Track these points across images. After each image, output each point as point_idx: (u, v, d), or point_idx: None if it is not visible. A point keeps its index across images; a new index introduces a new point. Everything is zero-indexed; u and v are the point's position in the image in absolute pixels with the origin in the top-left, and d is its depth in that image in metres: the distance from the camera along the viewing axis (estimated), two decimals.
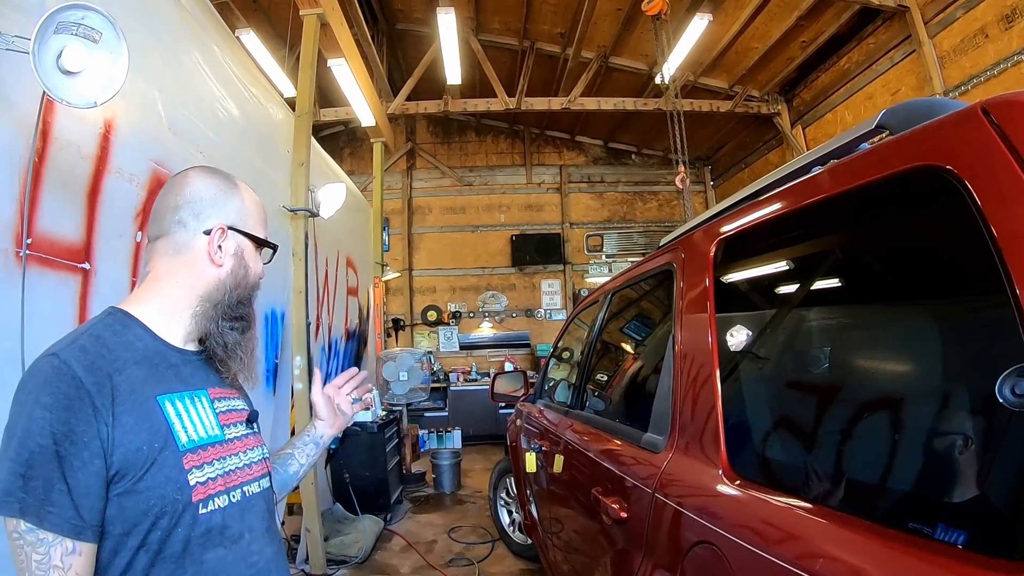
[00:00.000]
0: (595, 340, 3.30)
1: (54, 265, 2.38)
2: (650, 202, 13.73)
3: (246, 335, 1.46)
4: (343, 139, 13.66)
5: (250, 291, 1.47)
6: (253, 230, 1.47)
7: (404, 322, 12.92)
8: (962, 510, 1.01)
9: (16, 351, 2.09)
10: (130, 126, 2.83)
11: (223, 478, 1.30)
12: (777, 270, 1.76)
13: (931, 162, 1.09)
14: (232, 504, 1.30)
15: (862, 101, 8.36)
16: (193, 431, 1.27)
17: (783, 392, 1.65)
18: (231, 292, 1.41)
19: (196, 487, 1.22)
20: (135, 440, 1.16)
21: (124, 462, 1.14)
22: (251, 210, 1.48)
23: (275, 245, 1.55)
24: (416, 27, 10.67)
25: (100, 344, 1.21)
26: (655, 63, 9.22)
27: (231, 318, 1.41)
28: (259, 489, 1.42)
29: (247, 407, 1.52)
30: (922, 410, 1.21)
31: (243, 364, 1.45)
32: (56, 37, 1.95)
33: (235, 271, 1.42)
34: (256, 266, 1.49)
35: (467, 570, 5.25)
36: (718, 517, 1.47)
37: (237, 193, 1.47)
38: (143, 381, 1.23)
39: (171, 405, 1.26)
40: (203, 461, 1.26)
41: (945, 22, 6.75)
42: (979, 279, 1.05)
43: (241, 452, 1.39)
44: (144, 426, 1.18)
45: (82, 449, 1.10)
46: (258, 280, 1.51)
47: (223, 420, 1.38)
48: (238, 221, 1.44)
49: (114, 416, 1.14)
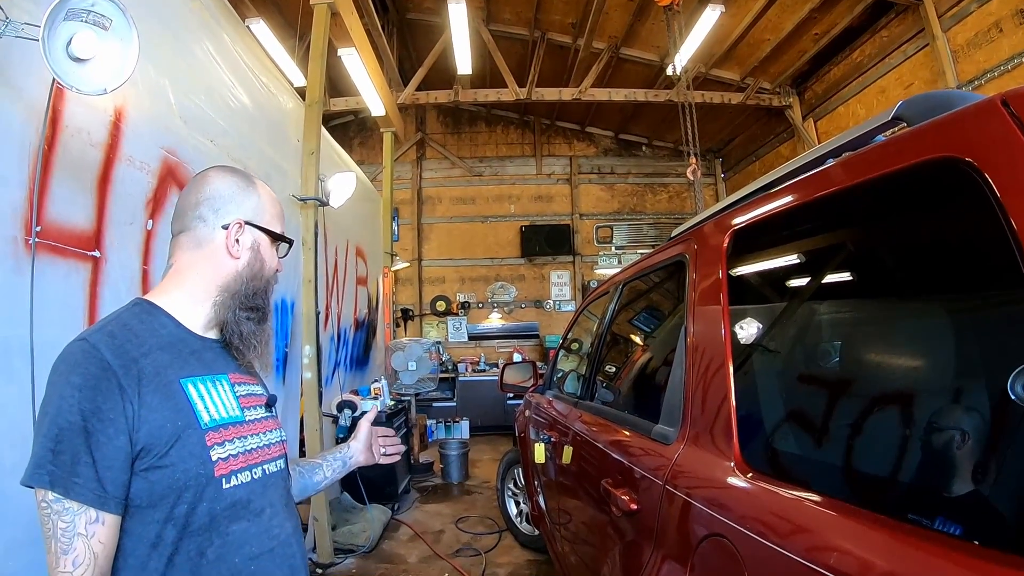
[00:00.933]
0: (605, 331, 3.29)
1: (64, 253, 2.39)
2: (660, 194, 13.70)
3: (262, 326, 1.52)
4: (353, 129, 13.66)
5: (266, 283, 1.54)
6: (269, 225, 1.55)
7: (413, 312, 12.95)
8: (976, 506, 1.00)
9: (26, 338, 2.10)
10: (141, 114, 2.83)
11: (244, 455, 1.38)
12: (791, 262, 1.75)
13: (950, 154, 1.07)
14: (255, 480, 1.39)
15: (875, 95, 8.30)
16: (215, 411, 1.35)
17: (796, 385, 1.64)
18: (247, 283, 1.48)
19: (218, 463, 1.30)
20: (159, 418, 1.24)
21: (149, 438, 1.21)
22: (267, 207, 1.56)
23: (290, 240, 1.63)
24: (427, 17, 10.64)
25: (127, 330, 1.30)
26: (666, 54, 9.18)
27: (247, 308, 1.48)
28: (277, 468, 1.50)
29: (266, 392, 1.60)
30: (936, 405, 1.19)
31: (258, 352, 1.52)
32: (66, 24, 1.94)
33: (251, 264, 1.50)
34: (272, 260, 1.57)
35: (474, 560, 5.25)
36: (730, 509, 1.46)
37: (254, 191, 1.54)
38: (167, 365, 1.31)
39: (193, 387, 1.34)
40: (224, 439, 1.34)
41: (959, 16, 6.69)
42: (995, 272, 1.04)
43: (261, 433, 1.47)
44: (168, 405, 1.26)
45: (108, 425, 1.17)
46: (274, 273, 1.58)
47: (243, 403, 1.45)
48: (255, 217, 1.52)
49: (140, 396, 1.22)
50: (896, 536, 1.03)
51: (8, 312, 2.11)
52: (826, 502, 1.23)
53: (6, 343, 2.10)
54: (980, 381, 1.11)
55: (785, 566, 1.19)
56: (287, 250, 1.63)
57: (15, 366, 2.10)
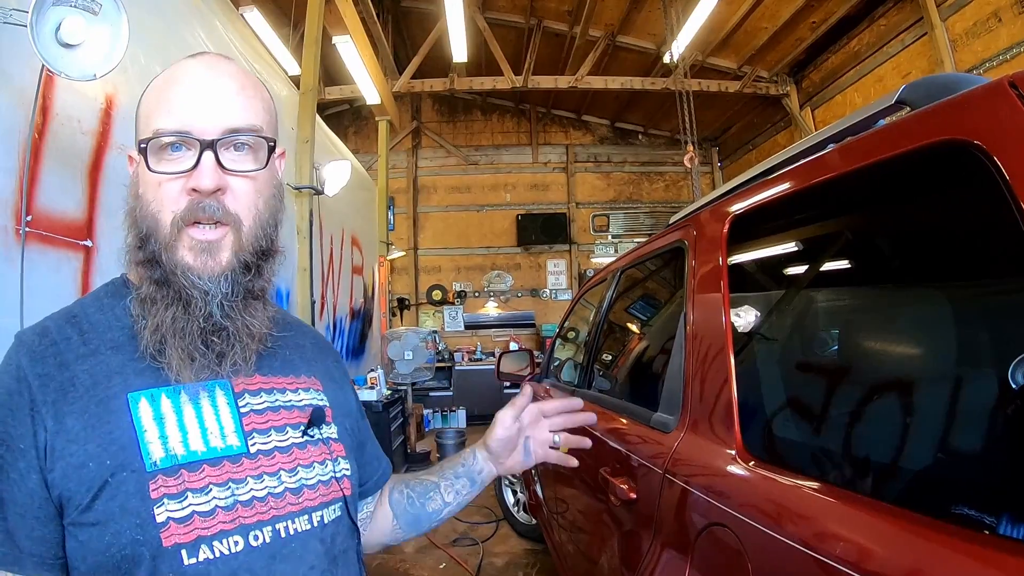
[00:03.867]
0: (603, 318, 3.28)
1: (55, 242, 2.36)
2: (657, 182, 13.69)
3: (172, 306, 0.94)
4: (348, 118, 13.61)
5: (147, 231, 0.95)
6: (139, 136, 0.98)
7: (409, 301, 12.97)
8: (978, 492, 0.99)
9: (16, 328, 2.07)
10: (132, 101, 2.78)
11: (234, 510, 0.91)
12: (792, 249, 1.73)
13: (957, 136, 1.05)
14: (251, 550, 0.91)
15: (872, 83, 8.29)
16: (179, 442, 0.90)
17: (797, 373, 1.63)
18: (130, 236, 0.98)
19: (168, 524, 0.85)
20: (79, 452, 0.85)
21: (66, 481, 0.85)
22: (142, 106, 1.00)
23: (141, 142, 0.96)
24: (422, 4, 10.60)
25: (72, 323, 0.96)
26: (663, 42, 9.14)
27: (145, 278, 0.96)
28: (312, 525, 0.99)
29: (313, 401, 1.11)
30: (939, 393, 1.18)
31: (183, 346, 0.94)
32: (55, 9, 1.92)
33: (130, 204, 1.00)
34: (146, 188, 0.96)
35: (471, 550, 5.26)
36: (731, 498, 1.45)
37: (142, 95, 1.01)
38: (116, 370, 0.92)
39: (149, 404, 0.91)
40: (188, 487, 0.89)
41: (958, 5, 6.68)
42: (1002, 258, 1.02)
43: (285, 471, 0.99)
44: (95, 434, 0.87)
45: (18, 458, 0.85)
46: (156, 208, 0.94)
47: (254, 423, 0.99)
48: (135, 135, 1.00)
49: (56, 418, 0.86)
50: (900, 524, 1.01)
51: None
52: (829, 490, 1.21)
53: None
54: (983, 369, 1.09)
55: (788, 554, 1.17)
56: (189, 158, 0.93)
57: None
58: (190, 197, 0.92)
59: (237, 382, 1.00)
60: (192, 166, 0.92)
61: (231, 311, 0.95)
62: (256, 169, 0.98)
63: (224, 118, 0.94)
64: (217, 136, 0.93)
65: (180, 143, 0.92)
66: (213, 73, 0.97)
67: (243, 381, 1.00)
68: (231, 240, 0.95)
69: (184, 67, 0.97)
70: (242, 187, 0.96)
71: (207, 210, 0.93)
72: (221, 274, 0.94)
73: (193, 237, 0.93)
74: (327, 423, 1.09)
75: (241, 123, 0.96)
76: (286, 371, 1.10)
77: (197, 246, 0.93)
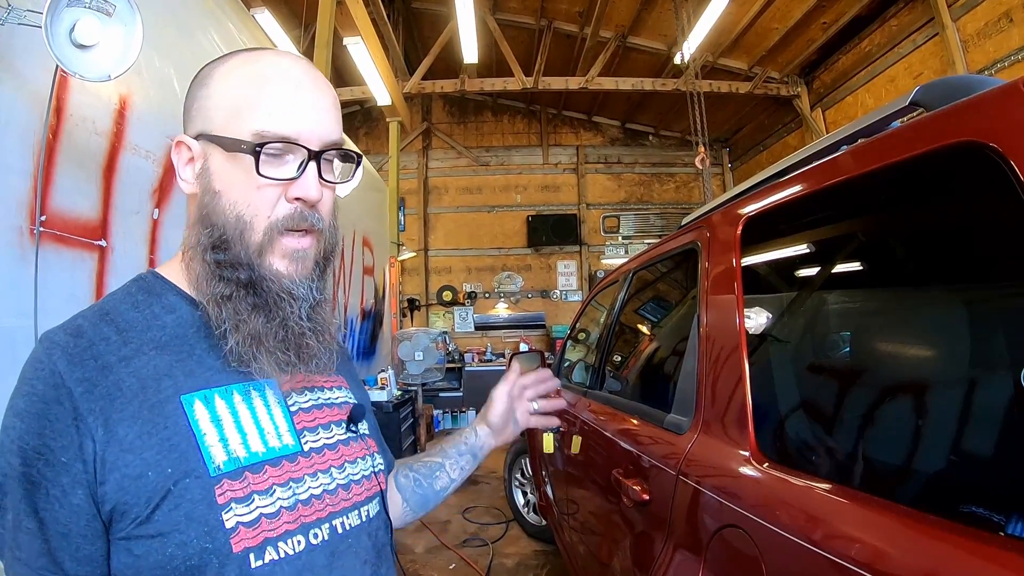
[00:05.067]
0: (615, 320, 3.28)
1: (69, 242, 2.37)
2: (667, 184, 13.66)
3: (247, 303, 0.92)
4: (359, 119, 13.64)
5: (230, 229, 0.91)
6: (222, 127, 0.92)
7: (419, 302, 12.97)
8: (992, 493, 0.99)
9: (31, 329, 2.09)
10: (146, 102, 2.81)
11: (295, 510, 0.90)
12: (806, 250, 1.73)
13: (971, 138, 1.05)
14: (312, 548, 0.91)
15: (884, 84, 8.25)
16: (240, 444, 0.88)
17: (811, 374, 1.62)
18: (203, 235, 0.92)
19: (238, 530, 0.83)
20: (136, 462, 0.80)
21: (121, 493, 0.79)
22: (220, 95, 0.94)
23: (250, 144, 0.90)
24: (432, 6, 10.62)
25: (106, 322, 0.88)
26: (674, 43, 9.13)
27: (221, 278, 0.91)
28: (362, 520, 1.01)
29: (351, 398, 1.13)
30: (953, 396, 1.18)
31: (264, 351, 0.92)
32: (69, 10, 1.92)
33: (201, 200, 0.94)
34: (231, 188, 0.92)
35: (481, 551, 5.26)
36: (745, 499, 1.45)
37: (208, 79, 0.96)
38: (165, 372, 0.87)
39: (204, 406, 0.87)
40: (254, 489, 0.86)
41: (969, 5, 6.65)
42: (1017, 261, 1.02)
43: (335, 467, 1.00)
44: (151, 441, 0.81)
45: (60, 473, 0.78)
46: (251, 213, 0.92)
47: (304, 422, 0.99)
48: (203, 123, 0.94)
49: (107, 427, 0.80)
50: (915, 526, 1.01)
51: (13, 302, 2.10)
52: (842, 491, 1.21)
53: (11, 334, 2.09)
54: (998, 372, 1.09)
55: (801, 555, 1.17)
56: (292, 166, 0.93)
57: (20, 356, 2.08)
58: (292, 204, 0.93)
59: (284, 381, 0.98)
60: (296, 175, 0.92)
61: (314, 314, 0.96)
62: (343, 181, 1.03)
63: (325, 130, 0.95)
64: (320, 147, 0.94)
65: (287, 151, 0.92)
66: (312, 80, 0.96)
67: (289, 380, 0.99)
68: (317, 247, 0.97)
69: (278, 65, 0.95)
70: (327, 197, 0.99)
71: (308, 219, 0.94)
72: (308, 279, 0.96)
73: (287, 245, 0.93)
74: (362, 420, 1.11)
75: (336, 136, 0.97)
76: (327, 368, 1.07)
77: (292, 254, 0.93)
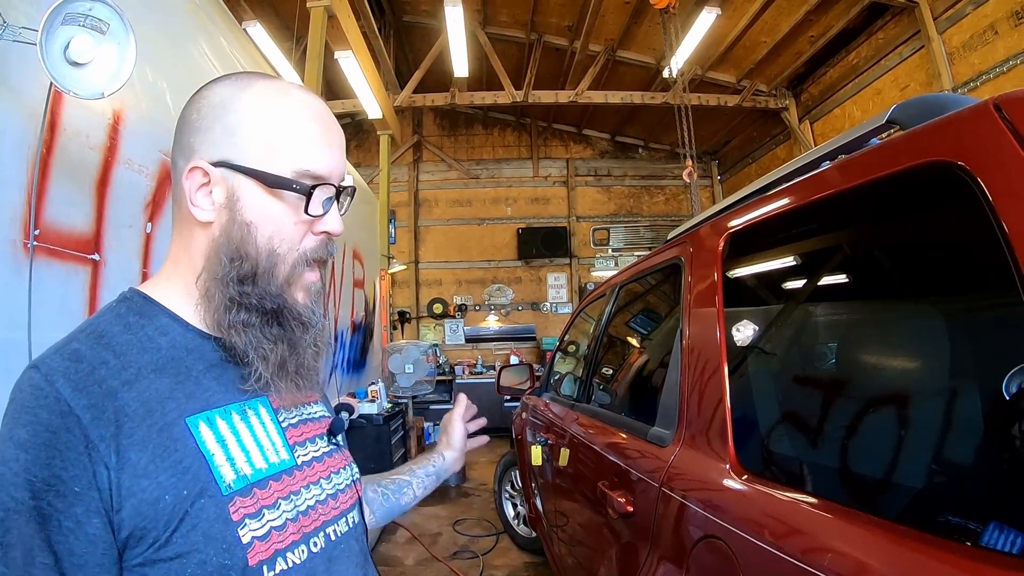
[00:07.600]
0: (602, 333, 3.30)
1: (63, 256, 2.38)
2: (657, 196, 13.69)
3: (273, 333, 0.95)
4: (349, 132, 13.59)
5: (262, 266, 0.94)
6: (257, 160, 0.93)
7: (410, 314, 12.96)
8: (970, 507, 1.01)
9: (25, 342, 2.10)
10: (139, 117, 2.82)
11: (298, 521, 0.93)
12: (786, 265, 1.76)
13: (942, 158, 1.08)
14: (313, 556, 0.94)
15: (871, 96, 8.33)
16: (245, 462, 0.90)
17: (791, 387, 1.65)
18: (229, 264, 0.93)
19: (253, 544, 0.85)
20: (151, 486, 0.80)
21: (139, 519, 0.79)
22: (251, 126, 0.94)
23: (304, 186, 0.95)
24: (423, 19, 10.64)
25: (102, 346, 0.87)
26: (663, 57, 9.17)
27: (241, 305, 0.93)
28: (349, 526, 1.05)
29: (328, 413, 1.17)
30: (931, 407, 1.21)
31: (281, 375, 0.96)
32: (64, 28, 1.94)
33: (227, 230, 0.94)
34: (267, 221, 0.94)
35: (471, 563, 5.26)
36: (725, 511, 1.47)
37: (234, 103, 0.96)
38: (166, 395, 0.87)
39: (209, 427, 0.89)
40: (263, 504, 0.89)
41: (955, 18, 6.72)
42: (989, 276, 1.05)
43: (324, 479, 1.03)
44: (164, 464, 0.82)
45: (73, 504, 0.77)
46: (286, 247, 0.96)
47: (293, 437, 1.01)
48: (229, 151, 0.94)
49: (118, 453, 0.79)
50: (892, 538, 1.03)
51: (7, 315, 2.11)
52: (821, 504, 1.23)
53: (5, 346, 2.10)
54: (974, 383, 1.12)
55: (780, 568, 1.19)
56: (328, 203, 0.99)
57: (14, 368, 2.09)
58: (319, 238, 1.00)
59: (273, 398, 1.00)
60: (323, 211, 0.99)
61: (319, 339, 1.03)
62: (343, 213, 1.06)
63: (343, 167, 1.03)
64: (341, 184, 1.02)
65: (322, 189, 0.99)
66: (332, 119, 1.03)
67: (276, 397, 1.00)
68: (324, 278, 1.06)
69: (308, 103, 1.00)
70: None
71: (329, 250, 1.03)
72: (318, 307, 1.02)
73: (308, 279, 1.01)
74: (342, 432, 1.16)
75: (345, 172, 1.04)
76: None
77: (311, 287, 1.02)
